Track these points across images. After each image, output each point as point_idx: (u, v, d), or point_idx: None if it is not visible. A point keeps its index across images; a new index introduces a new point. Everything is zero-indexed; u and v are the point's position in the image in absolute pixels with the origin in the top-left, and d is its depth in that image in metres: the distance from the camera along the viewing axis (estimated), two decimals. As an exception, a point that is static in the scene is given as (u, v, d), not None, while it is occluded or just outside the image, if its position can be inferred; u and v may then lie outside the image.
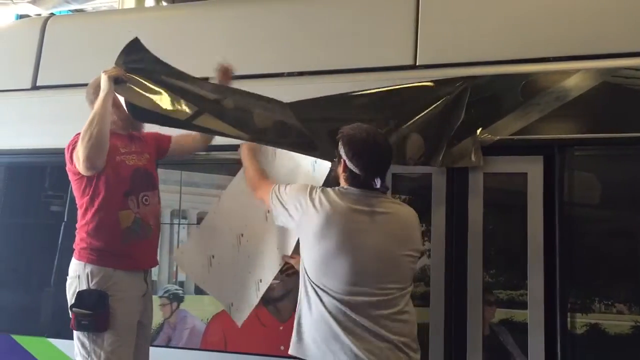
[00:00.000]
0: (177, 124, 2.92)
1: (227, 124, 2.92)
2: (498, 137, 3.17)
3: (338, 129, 2.68)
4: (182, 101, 2.89)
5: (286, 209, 2.69)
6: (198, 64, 3.35)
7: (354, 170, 2.55)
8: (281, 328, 3.47)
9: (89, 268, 2.91)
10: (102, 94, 2.84)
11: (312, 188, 2.64)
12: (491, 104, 3.23)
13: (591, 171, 3.25)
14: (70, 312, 2.90)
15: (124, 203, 2.97)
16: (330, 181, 2.79)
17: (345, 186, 2.60)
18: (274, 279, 3.14)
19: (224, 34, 3.92)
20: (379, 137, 2.62)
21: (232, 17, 4.02)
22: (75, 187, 3.02)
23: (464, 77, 3.25)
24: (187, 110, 2.89)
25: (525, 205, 3.15)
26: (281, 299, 3.53)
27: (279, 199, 2.72)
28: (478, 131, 3.18)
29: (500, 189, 3.32)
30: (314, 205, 2.56)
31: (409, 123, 3.13)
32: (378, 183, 2.52)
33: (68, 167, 3.00)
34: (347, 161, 2.56)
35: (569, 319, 3.02)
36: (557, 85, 3.15)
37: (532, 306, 3.09)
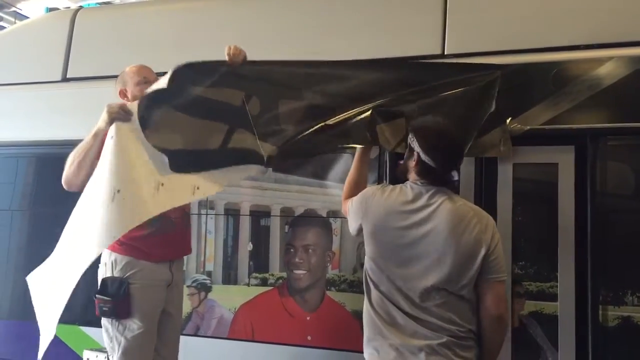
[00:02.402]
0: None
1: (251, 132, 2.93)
2: (528, 127, 3.11)
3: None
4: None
5: (352, 219, 2.68)
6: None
7: (429, 163, 2.52)
8: (308, 318, 3.49)
9: (113, 256, 2.98)
10: (95, 128, 2.80)
11: (375, 189, 2.62)
12: (521, 92, 3.17)
13: (624, 161, 3.19)
14: (95, 299, 2.96)
15: None
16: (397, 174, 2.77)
17: (412, 181, 2.58)
18: (300, 270, 3.11)
19: (251, 24, 3.92)
20: (452, 131, 2.63)
21: (259, 7, 4.02)
22: None
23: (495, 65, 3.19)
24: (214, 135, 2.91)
25: (556, 196, 3.11)
26: (308, 289, 3.53)
27: (349, 211, 2.72)
28: (508, 120, 3.13)
29: (531, 180, 3.29)
30: (368, 205, 2.57)
31: (436, 110, 3.06)
32: (455, 175, 2.55)
33: None
34: (421, 154, 2.54)
35: (600, 312, 2.98)
36: (589, 73, 3.09)
37: (563, 298, 3.05)
